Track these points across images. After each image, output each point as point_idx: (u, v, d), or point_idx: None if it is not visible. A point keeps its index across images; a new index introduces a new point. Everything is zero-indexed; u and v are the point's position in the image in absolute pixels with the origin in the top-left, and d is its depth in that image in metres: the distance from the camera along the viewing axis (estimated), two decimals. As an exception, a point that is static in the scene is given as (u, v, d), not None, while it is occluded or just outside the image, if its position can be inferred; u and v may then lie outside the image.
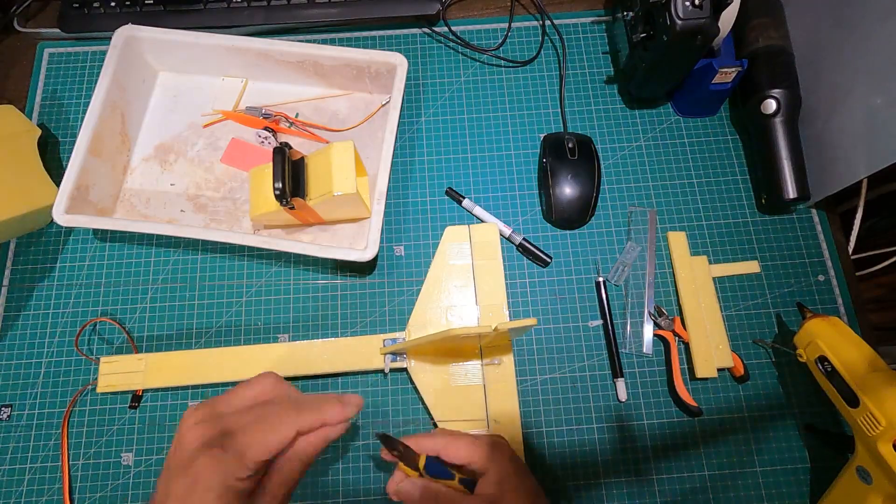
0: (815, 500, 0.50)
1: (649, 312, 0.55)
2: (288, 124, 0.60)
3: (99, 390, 0.51)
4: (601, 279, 0.56)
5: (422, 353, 0.52)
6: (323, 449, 0.38)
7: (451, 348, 0.52)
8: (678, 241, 0.57)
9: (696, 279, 0.55)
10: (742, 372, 0.53)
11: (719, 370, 0.53)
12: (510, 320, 0.50)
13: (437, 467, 0.41)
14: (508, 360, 0.52)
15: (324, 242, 0.56)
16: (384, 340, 0.53)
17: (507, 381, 0.52)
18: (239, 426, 0.35)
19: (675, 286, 0.56)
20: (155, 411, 0.53)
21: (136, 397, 0.53)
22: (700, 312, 0.54)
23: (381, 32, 0.65)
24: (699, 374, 0.52)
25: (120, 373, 0.52)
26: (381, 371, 0.53)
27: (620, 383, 0.53)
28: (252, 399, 0.38)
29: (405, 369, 0.52)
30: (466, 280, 0.55)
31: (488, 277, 0.55)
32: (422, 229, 0.58)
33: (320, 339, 0.53)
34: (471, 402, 0.51)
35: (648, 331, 0.54)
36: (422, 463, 0.40)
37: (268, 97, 0.62)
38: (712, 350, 0.53)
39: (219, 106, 0.61)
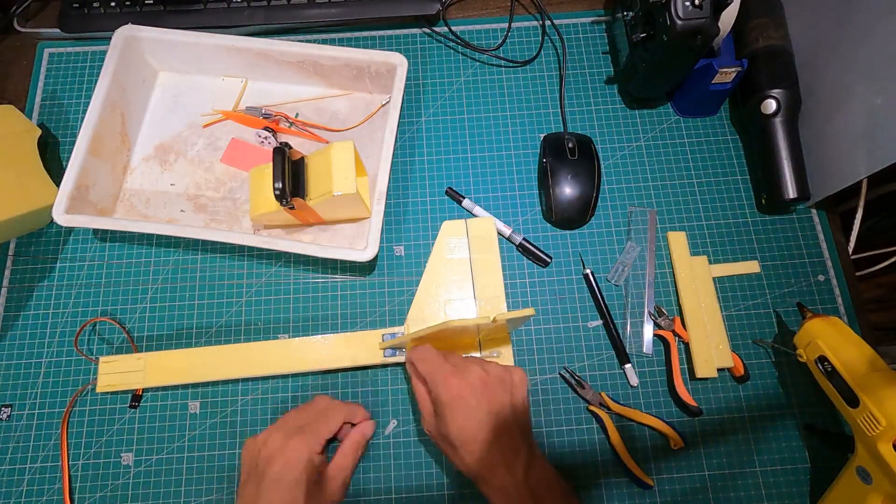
0: (815, 500, 0.50)
1: (649, 312, 0.55)
2: (288, 124, 0.60)
3: (98, 390, 0.51)
4: (588, 271, 0.56)
5: None
6: (364, 444, 0.50)
7: (449, 341, 0.52)
8: (678, 241, 0.57)
9: (696, 279, 0.55)
10: (742, 372, 0.53)
11: (719, 370, 0.53)
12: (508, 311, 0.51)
13: None
14: (507, 352, 0.53)
15: (324, 242, 0.56)
16: (383, 335, 0.53)
17: None
18: (309, 422, 0.47)
19: (675, 286, 0.56)
20: (155, 411, 0.53)
21: (136, 397, 0.53)
22: (700, 312, 0.54)
23: (381, 32, 0.65)
24: (699, 374, 0.52)
25: (119, 372, 0.52)
26: (381, 366, 0.53)
27: (629, 369, 0.53)
28: (312, 409, 0.49)
29: (404, 364, 0.52)
30: (464, 274, 0.55)
31: (486, 271, 0.55)
32: (422, 229, 0.58)
33: (320, 335, 0.53)
34: None
35: (648, 331, 0.54)
36: None
37: (268, 97, 0.62)
38: (712, 350, 0.53)
39: (219, 106, 0.61)
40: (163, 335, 0.55)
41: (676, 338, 0.54)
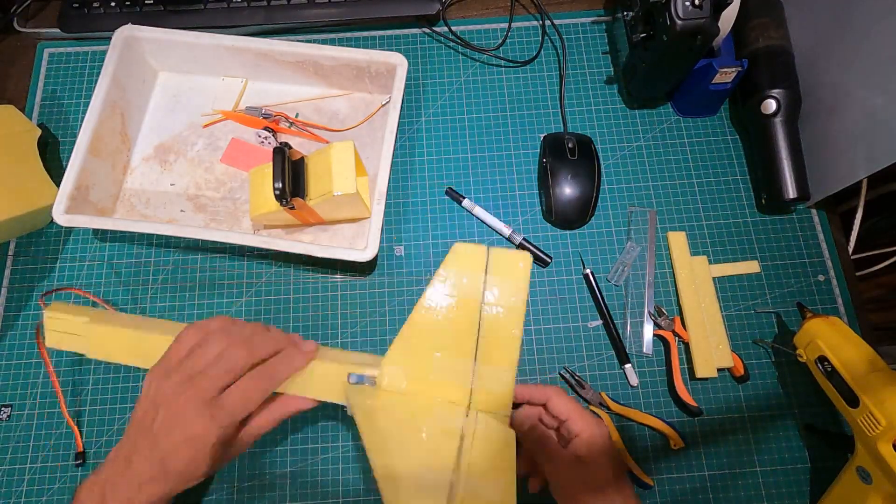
0: (815, 500, 0.50)
1: (649, 312, 0.55)
2: (288, 124, 0.60)
3: (47, 345, 0.47)
4: (588, 271, 0.56)
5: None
6: (285, 418, 0.42)
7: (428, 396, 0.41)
8: (678, 242, 0.57)
9: (696, 279, 0.55)
10: (742, 372, 0.53)
11: (719, 370, 0.53)
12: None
13: None
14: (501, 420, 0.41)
15: (324, 242, 0.56)
16: (349, 375, 0.42)
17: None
18: (217, 395, 0.38)
19: (675, 286, 0.56)
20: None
21: (79, 454, 0.51)
22: (700, 312, 0.54)
23: (381, 32, 0.65)
24: (699, 374, 0.52)
25: (65, 332, 0.46)
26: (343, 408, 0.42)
27: (629, 369, 0.53)
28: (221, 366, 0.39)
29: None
30: (469, 324, 0.41)
31: (500, 329, 0.41)
32: (422, 229, 0.58)
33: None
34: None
35: (648, 331, 0.54)
36: None
37: (268, 97, 0.62)
38: (712, 350, 0.53)
39: (219, 106, 0.61)
40: (163, 335, 0.55)
41: (676, 338, 0.54)
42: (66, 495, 0.51)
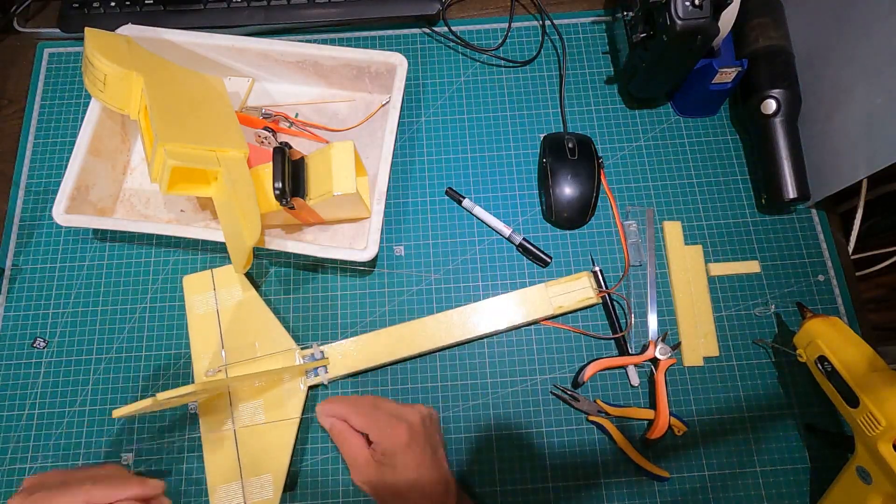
0: (815, 500, 0.50)
1: (654, 341, 0.53)
2: (288, 124, 0.60)
3: None
4: (597, 269, 0.56)
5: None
6: None
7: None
8: (673, 231, 0.57)
9: (689, 269, 0.56)
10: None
11: (707, 361, 0.53)
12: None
13: None
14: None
15: (324, 242, 0.56)
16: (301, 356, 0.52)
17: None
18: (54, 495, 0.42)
19: (669, 276, 0.56)
20: (155, 411, 0.53)
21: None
22: (690, 300, 0.55)
23: (381, 32, 0.65)
24: (686, 362, 0.53)
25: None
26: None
27: (631, 369, 0.53)
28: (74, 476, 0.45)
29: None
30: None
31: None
32: (422, 229, 0.58)
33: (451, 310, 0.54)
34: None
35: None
36: None
37: (268, 97, 0.62)
38: (699, 340, 0.54)
39: (219, 106, 0.61)
40: (162, 335, 0.55)
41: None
42: (66, 495, 0.51)
